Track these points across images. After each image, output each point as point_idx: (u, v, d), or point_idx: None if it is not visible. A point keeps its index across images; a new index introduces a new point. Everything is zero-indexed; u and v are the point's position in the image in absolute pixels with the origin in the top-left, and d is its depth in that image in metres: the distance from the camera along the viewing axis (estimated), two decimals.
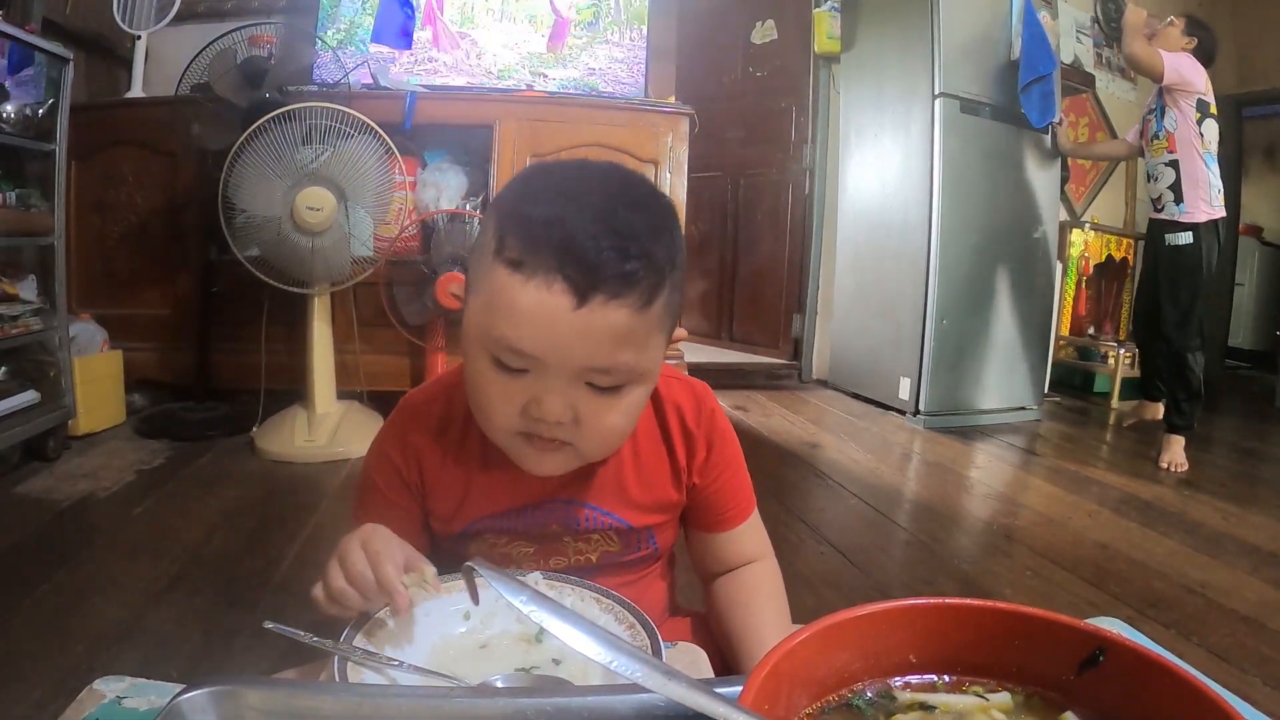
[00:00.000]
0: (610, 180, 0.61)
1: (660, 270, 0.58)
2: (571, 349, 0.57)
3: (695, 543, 0.79)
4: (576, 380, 0.59)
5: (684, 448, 0.74)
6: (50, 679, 1.20)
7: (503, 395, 0.60)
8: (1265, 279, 5.57)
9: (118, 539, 1.78)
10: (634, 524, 0.73)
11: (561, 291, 0.55)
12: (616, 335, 0.57)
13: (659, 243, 0.58)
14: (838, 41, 3.85)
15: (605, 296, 0.55)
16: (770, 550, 0.79)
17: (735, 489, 0.77)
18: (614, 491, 0.72)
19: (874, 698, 0.40)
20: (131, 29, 2.84)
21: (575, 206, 0.56)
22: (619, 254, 0.56)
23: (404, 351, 2.81)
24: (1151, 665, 0.37)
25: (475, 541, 0.73)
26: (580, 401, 0.59)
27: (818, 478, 2.56)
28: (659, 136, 2.93)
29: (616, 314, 0.56)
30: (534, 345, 0.57)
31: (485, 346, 0.59)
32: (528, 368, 0.58)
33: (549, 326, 0.56)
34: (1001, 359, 3.49)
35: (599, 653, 0.43)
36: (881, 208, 3.61)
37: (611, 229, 0.56)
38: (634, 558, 0.76)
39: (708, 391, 0.77)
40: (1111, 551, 2.02)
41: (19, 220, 2.12)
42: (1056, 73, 3.40)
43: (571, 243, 0.55)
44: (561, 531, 0.73)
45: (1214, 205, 2.74)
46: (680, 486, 0.75)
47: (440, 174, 2.85)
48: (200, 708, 0.38)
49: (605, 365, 0.58)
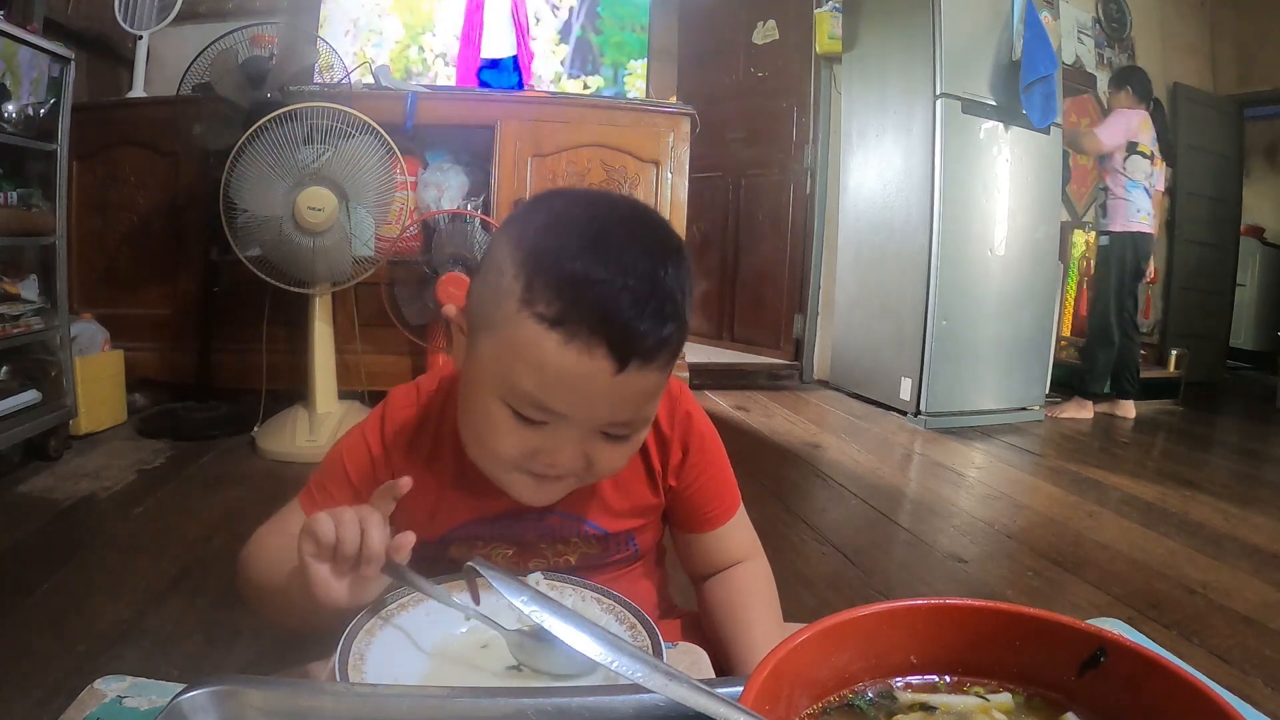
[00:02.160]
0: (637, 228, 0.59)
1: (688, 327, 0.59)
2: (602, 410, 0.57)
3: (680, 544, 0.79)
4: (594, 433, 0.59)
5: (658, 452, 0.73)
6: (51, 678, 1.20)
7: (512, 441, 0.59)
8: (1266, 279, 5.56)
9: (119, 539, 1.78)
10: (611, 530, 0.73)
11: (603, 357, 0.54)
12: (646, 395, 0.58)
13: (688, 298, 0.58)
14: (839, 42, 3.85)
15: (642, 361, 0.55)
16: (759, 549, 0.78)
17: (717, 489, 0.75)
18: (590, 501, 0.72)
19: (875, 698, 0.40)
20: (133, 29, 2.85)
21: (617, 265, 0.54)
22: (659, 321, 0.55)
23: (405, 351, 2.81)
24: (1152, 666, 0.37)
25: (452, 546, 0.72)
26: (593, 449, 0.60)
27: (819, 478, 2.56)
28: (660, 137, 2.93)
29: (648, 379, 0.57)
30: (564, 406, 0.56)
31: (501, 394, 0.58)
32: (547, 421, 0.58)
33: (585, 391, 0.55)
34: (1003, 359, 3.49)
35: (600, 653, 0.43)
36: (883, 208, 3.61)
37: (653, 292, 0.55)
38: (614, 559, 0.76)
39: (684, 391, 0.75)
40: (1113, 552, 2.02)
41: (20, 220, 2.12)
42: (1058, 73, 3.40)
43: (616, 309, 0.54)
44: (538, 539, 0.72)
45: (1130, 220, 3.49)
46: (657, 490, 0.74)
47: (441, 174, 2.85)
48: (201, 707, 0.38)
49: (626, 419, 0.59)
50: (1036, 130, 3.39)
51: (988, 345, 3.43)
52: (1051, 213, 3.58)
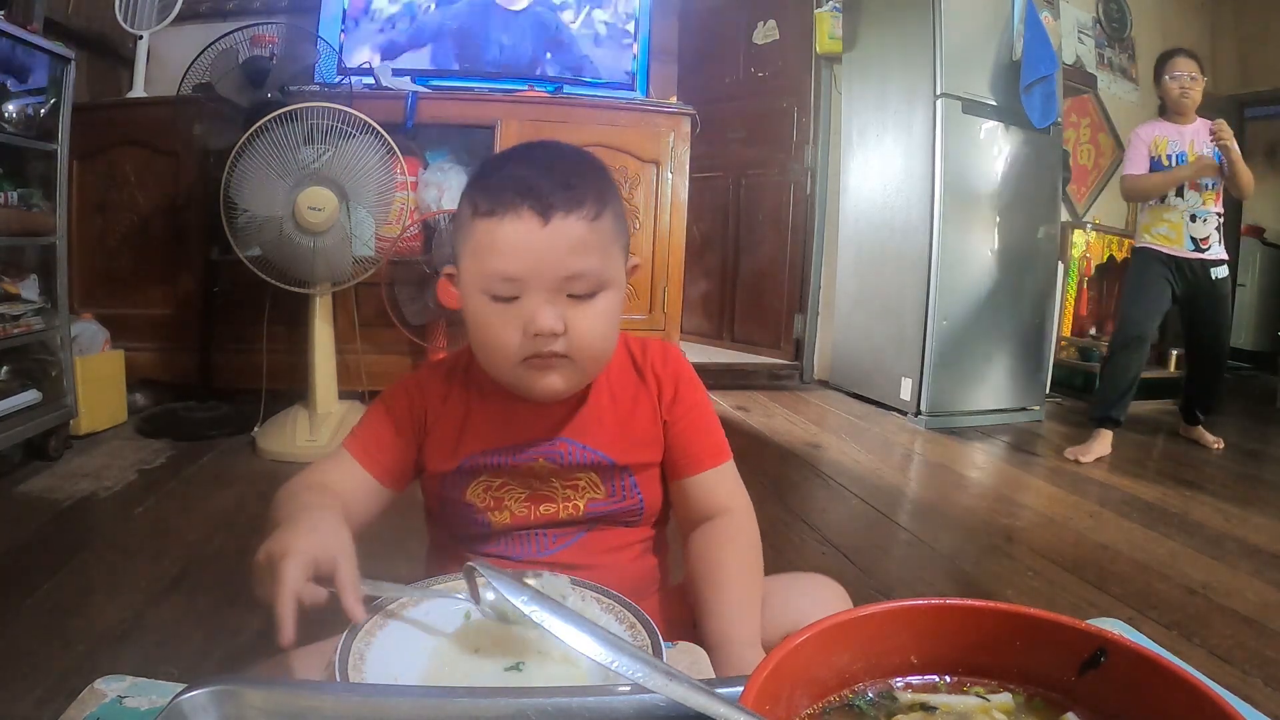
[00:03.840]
0: (546, 146, 0.77)
1: (600, 192, 0.72)
2: (547, 263, 0.69)
3: (674, 494, 0.84)
4: (558, 292, 0.70)
5: (655, 386, 0.83)
6: (51, 678, 1.21)
7: (501, 323, 0.71)
8: (1267, 280, 5.55)
9: (119, 538, 1.78)
10: (616, 459, 0.79)
11: (529, 216, 0.69)
12: (579, 242, 0.70)
13: (591, 176, 0.74)
14: (839, 42, 3.85)
15: (563, 212, 0.69)
16: (746, 504, 0.82)
17: (704, 430, 0.83)
18: (595, 428, 0.80)
19: (875, 698, 0.40)
20: (133, 29, 2.85)
21: (523, 158, 0.74)
22: (564, 184, 0.70)
23: (405, 351, 2.81)
24: (1153, 666, 0.37)
25: (472, 482, 0.79)
26: (565, 310, 0.71)
27: (819, 478, 2.56)
28: (660, 137, 2.93)
29: (575, 226, 0.70)
30: (518, 267, 0.69)
31: (480, 287, 0.71)
32: (517, 294, 0.70)
33: (526, 248, 0.69)
34: (1003, 360, 3.48)
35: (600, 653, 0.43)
36: (883, 208, 3.61)
37: (551, 169, 0.72)
38: (619, 508, 0.80)
39: (676, 349, 0.87)
40: (1113, 552, 2.02)
41: (21, 220, 2.13)
42: (1058, 73, 3.40)
43: (527, 182, 0.70)
44: (548, 470, 0.79)
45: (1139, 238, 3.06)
46: (657, 420, 0.82)
47: (442, 174, 2.85)
48: (201, 707, 0.38)
49: (578, 270, 0.70)
50: (1037, 130, 3.38)
51: (988, 345, 3.43)
52: (1051, 213, 3.58)
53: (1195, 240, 2.95)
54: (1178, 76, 2.90)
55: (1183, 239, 2.94)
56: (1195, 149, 2.94)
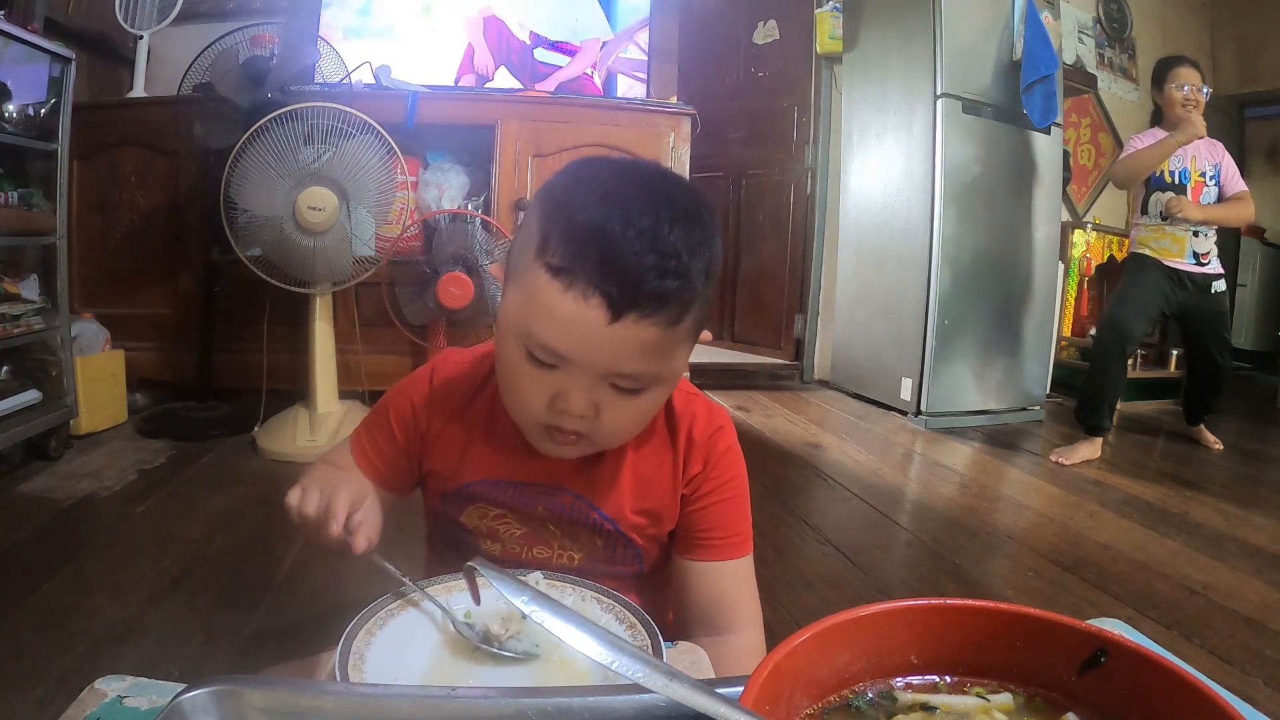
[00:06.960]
0: (655, 189, 0.61)
1: (694, 288, 0.60)
2: (600, 356, 0.60)
3: (678, 574, 0.77)
4: (602, 381, 0.62)
5: (684, 453, 0.75)
6: (52, 678, 1.21)
7: (531, 385, 0.63)
8: (1267, 280, 5.55)
9: (119, 538, 1.78)
10: (619, 525, 0.73)
11: (597, 306, 0.57)
12: (645, 349, 0.60)
13: (697, 259, 0.60)
14: (840, 42, 3.85)
15: (638, 315, 0.58)
16: (759, 621, 0.75)
17: (727, 517, 0.75)
18: (606, 486, 0.73)
19: (875, 698, 0.40)
20: (133, 29, 2.85)
21: (620, 218, 0.57)
22: (657, 274, 0.57)
23: (406, 351, 2.81)
24: (1153, 666, 0.37)
25: (470, 507, 0.75)
26: (602, 399, 0.63)
27: (819, 478, 2.56)
28: (661, 137, 2.93)
29: (647, 331, 0.59)
30: (566, 349, 0.60)
31: (519, 339, 0.62)
32: (557, 365, 0.61)
33: (582, 337, 0.59)
34: (1003, 359, 3.48)
35: (600, 653, 0.43)
36: (883, 208, 3.61)
37: (653, 246, 0.57)
38: (617, 568, 0.76)
39: (727, 419, 0.78)
40: (1113, 552, 2.02)
41: (21, 220, 2.13)
42: (1058, 73, 3.40)
43: (612, 258, 0.57)
44: (547, 517, 0.74)
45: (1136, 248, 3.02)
46: (675, 494, 0.74)
47: (442, 174, 2.85)
48: (201, 707, 0.38)
49: (630, 372, 0.61)
50: (1037, 130, 3.38)
51: (988, 345, 3.43)
52: (1051, 213, 3.58)
53: (1197, 255, 2.95)
54: (1183, 88, 2.87)
55: (1185, 252, 2.94)
56: (1198, 165, 2.94)
